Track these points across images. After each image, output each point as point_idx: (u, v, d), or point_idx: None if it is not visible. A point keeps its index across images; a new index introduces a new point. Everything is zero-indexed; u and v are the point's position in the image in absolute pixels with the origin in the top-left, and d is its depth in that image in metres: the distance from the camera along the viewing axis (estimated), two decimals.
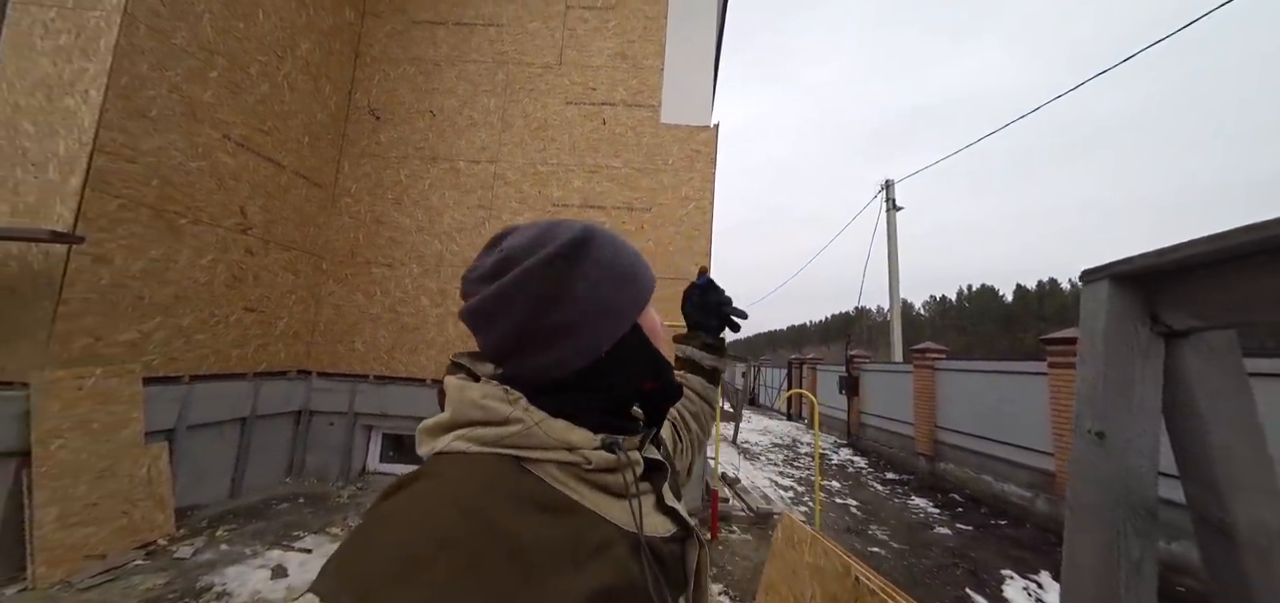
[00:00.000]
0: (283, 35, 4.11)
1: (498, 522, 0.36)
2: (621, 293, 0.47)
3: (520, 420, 0.41)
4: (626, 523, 0.42)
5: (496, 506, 0.37)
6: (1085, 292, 0.66)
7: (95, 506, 2.69)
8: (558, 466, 0.42)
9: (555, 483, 0.41)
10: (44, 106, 2.81)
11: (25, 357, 2.62)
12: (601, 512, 0.41)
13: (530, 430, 0.41)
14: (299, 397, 4.39)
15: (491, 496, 0.38)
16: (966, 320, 65.15)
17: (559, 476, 0.42)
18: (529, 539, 0.36)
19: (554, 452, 0.42)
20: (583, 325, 0.45)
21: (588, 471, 0.42)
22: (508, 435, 0.41)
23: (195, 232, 3.46)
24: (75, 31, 2.89)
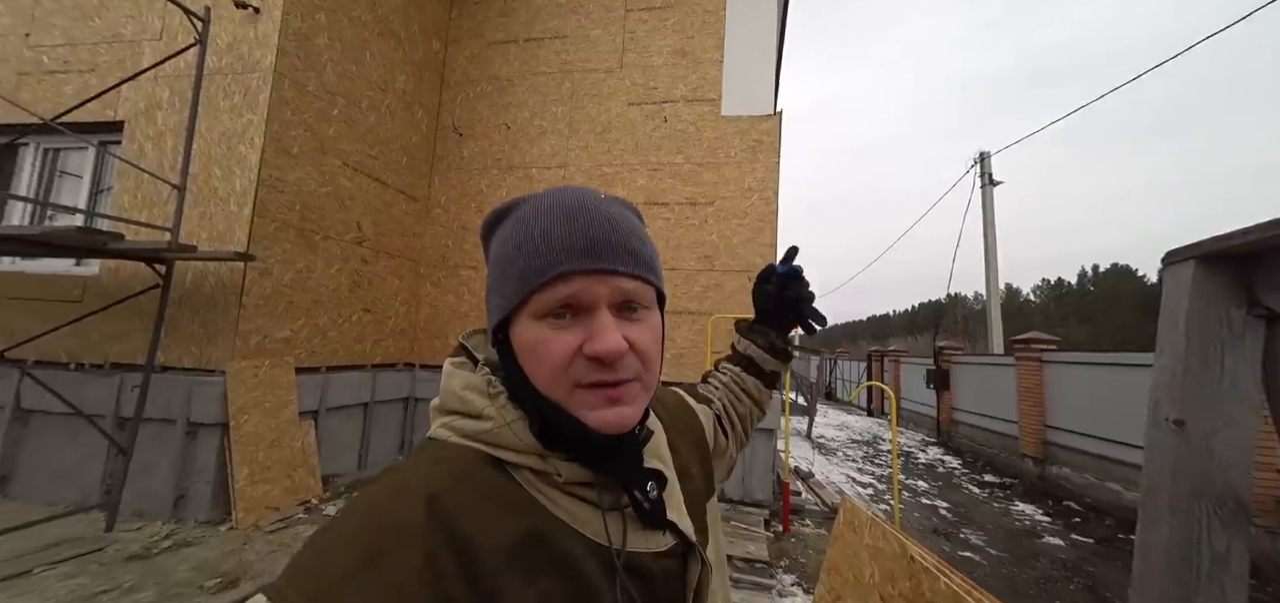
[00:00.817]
0: (385, 72, 4.72)
1: (458, 522, 0.34)
2: (493, 285, 0.43)
3: (493, 418, 0.40)
4: (602, 538, 0.39)
5: (459, 504, 0.35)
6: (1168, 275, 0.60)
7: (269, 469, 3.39)
8: (533, 471, 0.40)
9: (529, 488, 0.39)
10: (226, 154, 3.55)
11: (221, 350, 3.36)
12: (575, 524, 0.39)
13: (499, 430, 0.40)
14: (406, 385, 5.07)
15: (456, 493, 0.36)
16: (1093, 307, 55.08)
17: (533, 481, 0.40)
18: (486, 544, 0.34)
19: (527, 456, 0.39)
20: (486, 304, 0.44)
21: (561, 481, 0.40)
22: (482, 432, 0.40)
23: (325, 245, 4.13)
24: (242, 91, 3.60)
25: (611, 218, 0.41)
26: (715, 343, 4.51)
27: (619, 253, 0.40)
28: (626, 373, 0.39)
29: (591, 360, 0.38)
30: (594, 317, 0.39)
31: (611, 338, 0.37)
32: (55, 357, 3.45)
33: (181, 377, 3.31)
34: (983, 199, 10.34)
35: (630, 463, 0.43)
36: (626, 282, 0.40)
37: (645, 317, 0.42)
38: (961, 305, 69.44)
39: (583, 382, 0.38)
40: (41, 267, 3.75)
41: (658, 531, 0.43)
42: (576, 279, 0.38)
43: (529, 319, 0.39)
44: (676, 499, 0.47)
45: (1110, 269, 59.25)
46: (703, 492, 0.55)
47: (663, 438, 0.52)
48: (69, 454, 3.37)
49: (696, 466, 0.56)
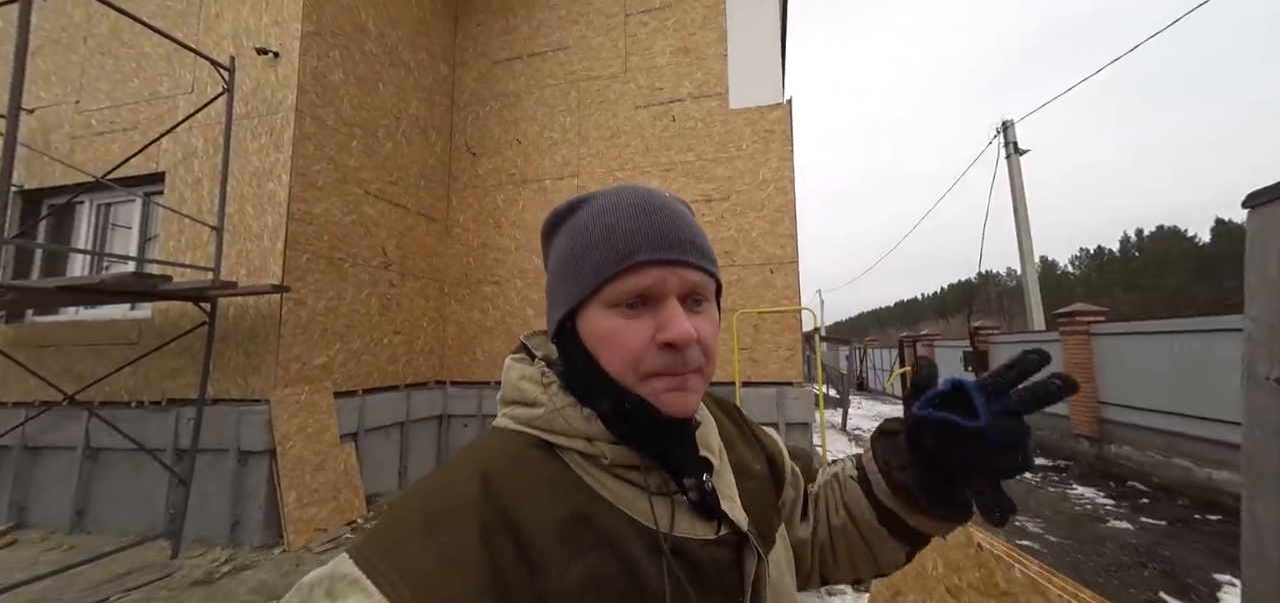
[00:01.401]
0: (398, 100, 4.87)
1: (509, 499, 0.37)
2: (561, 279, 0.45)
3: (545, 405, 0.42)
4: (649, 521, 0.40)
5: (512, 483, 0.38)
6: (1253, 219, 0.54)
7: (317, 491, 3.52)
8: (581, 454, 0.41)
9: (578, 470, 0.41)
10: (257, 192, 3.73)
11: (264, 379, 3.52)
12: (622, 505, 0.40)
13: (550, 415, 0.42)
14: (438, 403, 5.20)
15: (510, 473, 0.39)
16: (1139, 274, 51.69)
17: (583, 464, 0.41)
18: (534, 520, 0.36)
19: (575, 440, 0.41)
20: (548, 299, 0.47)
21: (607, 464, 0.41)
22: (535, 418, 0.42)
23: (354, 272, 4.28)
24: (268, 132, 3.78)
25: (679, 212, 0.44)
26: (741, 339, 4.45)
27: (687, 246, 0.42)
28: (692, 363, 0.41)
29: (662, 348, 0.40)
30: (664, 306, 0.41)
31: (683, 326, 0.39)
32: (118, 396, 3.69)
33: (230, 407, 3.49)
34: (1010, 169, 9.87)
35: (682, 447, 0.44)
36: (693, 273, 0.42)
37: (707, 309, 0.44)
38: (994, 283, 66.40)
39: (656, 371, 0.40)
40: (100, 313, 4.03)
41: (708, 519, 0.43)
42: (652, 270, 0.40)
43: (600, 309, 0.41)
44: (729, 490, 0.47)
45: (1156, 232, 55.49)
46: (768, 491, 0.53)
47: (713, 428, 0.52)
48: (135, 487, 3.60)
49: (759, 463, 0.55)
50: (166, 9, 4.11)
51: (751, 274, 4.56)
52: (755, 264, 4.56)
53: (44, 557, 3.22)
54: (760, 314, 4.43)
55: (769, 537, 0.49)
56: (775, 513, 0.53)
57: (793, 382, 4.38)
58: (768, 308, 4.39)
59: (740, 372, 4.36)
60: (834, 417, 8.71)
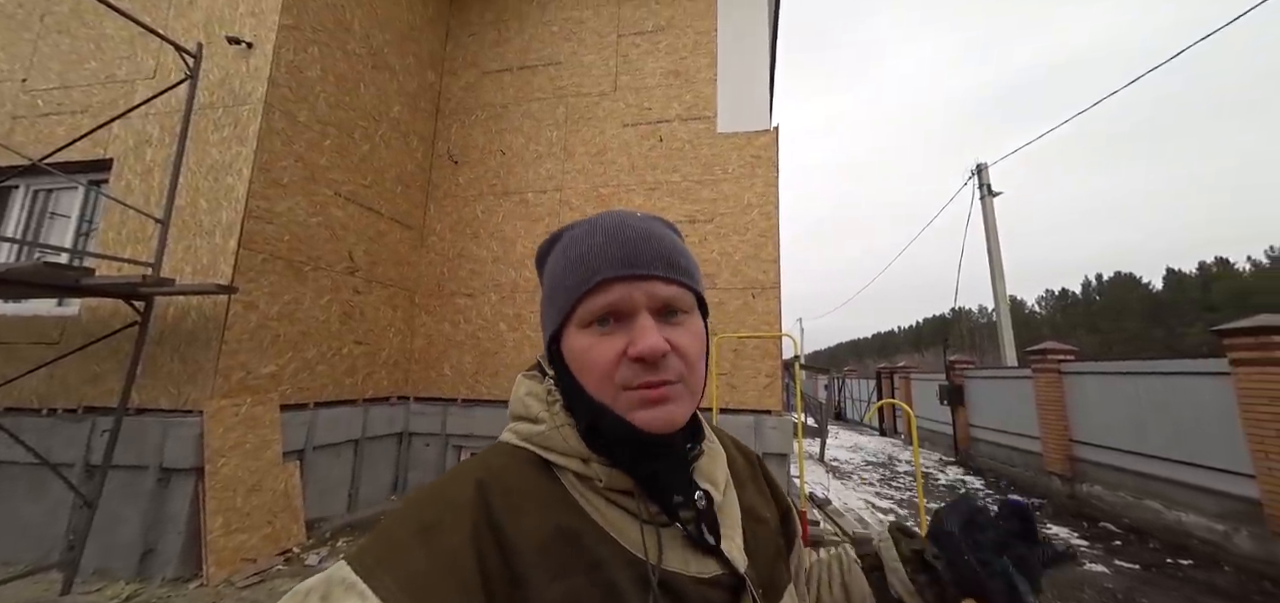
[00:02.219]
0: (379, 102, 4.73)
1: (499, 506, 0.37)
2: (547, 303, 0.47)
3: (546, 422, 0.43)
4: (639, 550, 0.39)
5: (504, 492, 0.38)
6: None
7: (248, 516, 3.15)
8: (577, 475, 0.42)
9: (573, 491, 0.41)
10: (213, 186, 3.48)
11: (200, 388, 3.19)
12: (612, 532, 0.40)
13: (550, 433, 0.43)
14: (400, 420, 4.86)
15: (504, 483, 0.39)
16: (1099, 316, 54.36)
17: (577, 485, 0.41)
18: (519, 530, 0.36)
19: (571, 460, 0.42)
20: (541, 321, 0.49)
21: (602, 487, 0.41)
22: (536, 435, 0.43)
23: (315, 276, 4.02)
24: (233, 123, 3.57)
25: (647, 230, 0.45)
26: (721, 364, 4.32)
27: (654, 260, 0.43)
28: (670, 374, 0.40)
29: (635, 362, 0.40)
30: (635, 321, 0.41)
31: (651, 338, 0.40)
32: (27, 402, 3.29)
33: (157, 419, 3.13)
34: (983, 210, 10.28)
35: (672, 469, 0.43)
36: (662, 286, 0.42)
37: (686, 320, 0.44)
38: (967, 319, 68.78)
39: (628, 384, 0.40)
40: (22, 308, 3.64)
41: (704, 555, 0.42)
42: (615, 286, 0.41)
43: (576, 330, 0.43)
44: (730, 528, 0.45)
45: (1114, 277, 58.81)
46: (778, 541, 0.51)
47: (722, 461, 0.50)
48: (34, 508, 3.16)
49: (770, 511, 0.53)
50: None
51: (733, 298, 4.48)
52: (737, 288, 4.49)
53: None
54: (741, 339, 4.32)
55: (775, 589, 0.46)
56: (785, 567, 0.50)
57: (771, 410, 4.25)
58: (748, 333, 4.29)
59: (718, 398, 4.21)
60: (811, 447, 8.59)
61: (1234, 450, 4.05)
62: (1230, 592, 3.48)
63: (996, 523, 0.48)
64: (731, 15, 5.03)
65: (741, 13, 5.02)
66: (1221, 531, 4.14)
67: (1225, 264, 50.90)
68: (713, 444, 0.50)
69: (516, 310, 4.91)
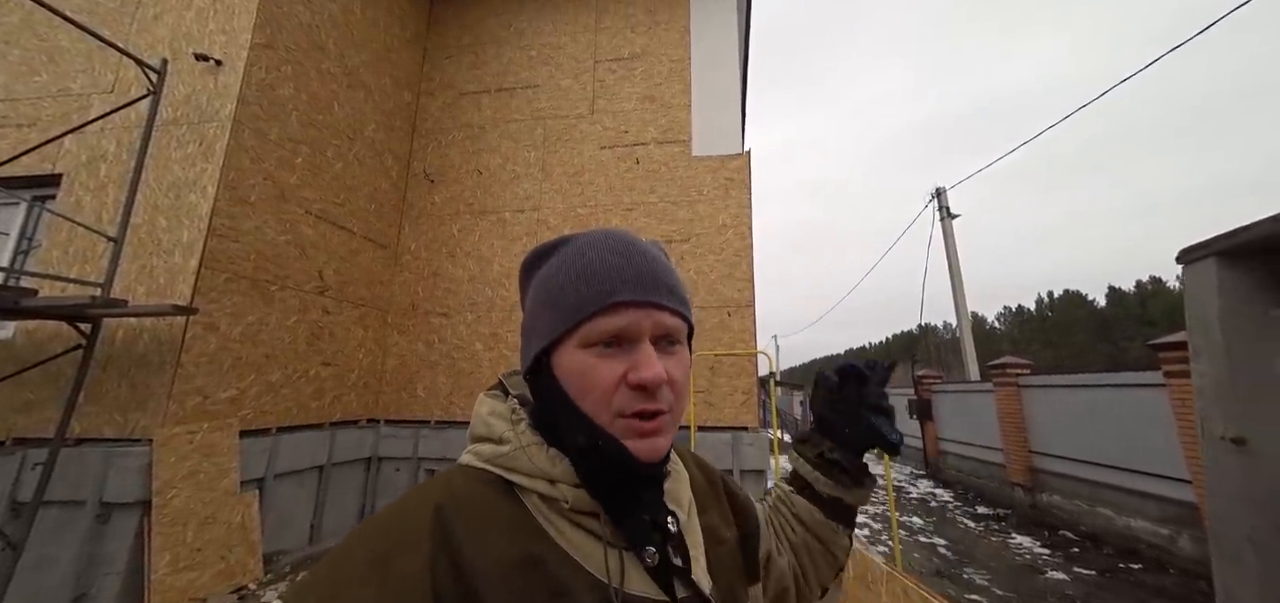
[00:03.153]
0: (353, 120, 4.70)
1: (460, 535, 0.36)
2: (538, 316, 0.45)
3: (511, 442, 0.42)
4: (603, 573, 0.39)
5: (465, 519, 0.37)
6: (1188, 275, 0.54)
7: (199, 551, 2.96)
8: (541, 497, 0.41)
9: (536, 514, 0.40)
10: (174, 204, 3.36)
11: (151, 415, 3.01)
12: (577, 556, 0.39)
13: (515, 453, 0.41)
14: (369, 443, 4.67)
15: (465, 509, 0.38)
16: (1052, 332, 57.89)
17: (541, 507, 0.40)
18: (481, 560, 0.35)
19: (536, 481, 0.41)
20: (523, 337, 0.47)
21: (566, 509, 0.40)
22: (499, 456, 0.42)
23: (283, 296, 3.89)
24: (198, 140, 3.47)
25: (655, 256, 0.45)
26: (697, 382, 4.38)
27: (664, 289, 0.43)
28: (663, 404, 0.41)
29: (634, 389, 0.40)
30: (638, 348, 0.41)
31: (656, 367, 0.40)
32: None
33: (98, 449, 2.92)
34: (943, 231, 10.91)
35: (652, 493, 0.44)
36: (669, 317, 0.42)
37: (680, 351, 0.44)
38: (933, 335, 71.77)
39: (624, 411, 0.40)
40: None
41: (668, 578, 0.42)
42: (629, 311, 0.41)
43: (576, 347, 0.41)
44: (695, 551, 0.45)
45: (1063, 295, 63.00)
46: (738, 561, 0.51)
47: (686, 482, 0.51)
48: None
49: (731, 532, 0.53)
50: (97, 5, 3.81)
51: (709, 316, 4.59)
52: (713, 306, 4.60)
53: None
54: (717, 357, 4.42)
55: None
56: (744, 585, 0.51)
57: (748, 426, 4.33)
58: (724, 351, 4.39)
59: (696, 415, 4.26)
60: (788, 462, 8.72)
61: (1174, 458, 4.36)
62: (1176, 594, 3.71)
63: (845, 390, 0.61)
64: (704, 44, 5.29)
65: (713, 43, 5.29)
66: (1166, 534, 4.43)
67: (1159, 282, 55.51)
68: (677, 465, 0.51)
69: (493, 329, 4.86)
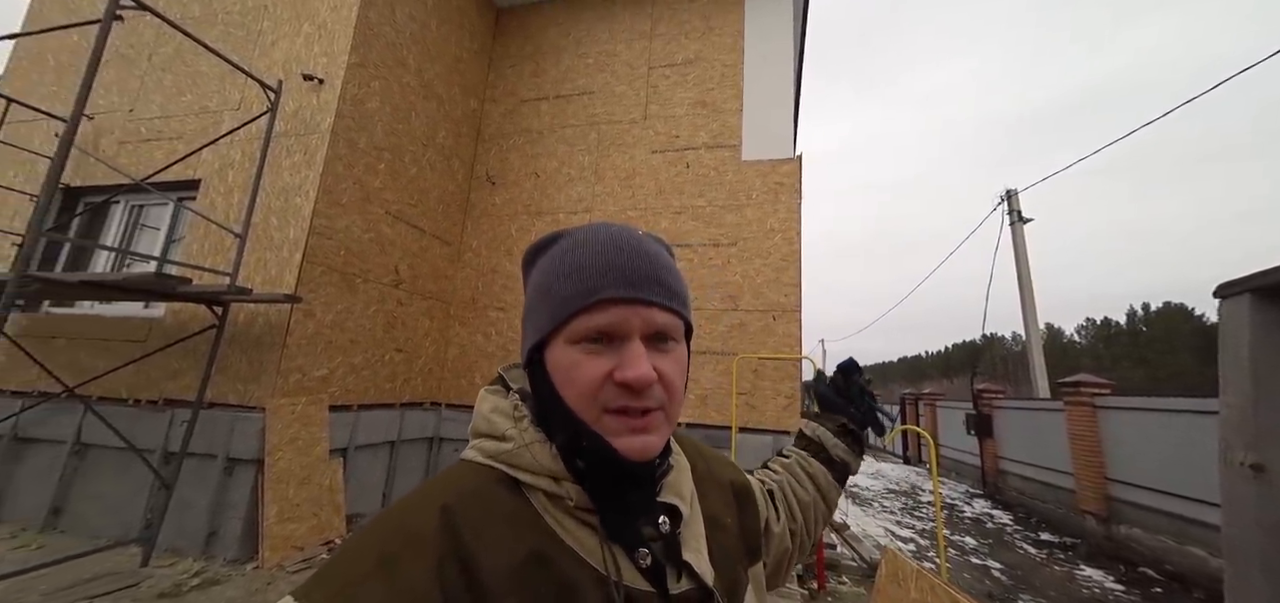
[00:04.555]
0: (427, 128, 5.14)
1: (468, 535, 0.36)
2: (533, 309, 0.45)
3: (514, 439, 0.42)
4: (623, 563, 0.39)
5: (472, 519, 0.37)
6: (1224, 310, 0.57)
7: (298, 507, 3.42)
8: (546, 494, 0.40)
9: (542, 511, 0.40)
10: (283, 205, 3.88)
11: (263, 387, 3.51)
12: (582, 551, 0.39)
13: (518, 451, 0.41)
14: (432, 424, 5.12)
15: (471, 508, 0.38)
16: (1147, 349, 51.09)
17: (546, 504, 0.40)
18: (490, 559, 0.35)
19: (541, 479, 0.40)
20: (522, 328, 0.47)
21: (571, 505, 0.40)
22: (503, 452, 0.42)
23: (365, 288, 4.36)
24: (303, 150, 3.98)
25: (649, 252, 0.44)
26: (740, 383, 4.41)
27: (654, 286, 0.42)
28: (652, 402, 0.40)
29: (620, 387, 0.39)
30: (626, 345, 0.40)
31: (642, 367, 0.39)
32: (117, 393, 3.68)
33: (226, 413, 3.46)
34: (1013, 237, 10.05)
35: (640, 493, 0.43)
36: (659, 314, 0.42)
37: (674, 349, 0.43)
38: (999, 346, 65.68)
39: (611, 407, 0.40)
40: (115, 310, 4.09)
41: (670, 569, 0.42)
42: (614, 308, 0.40)
43: (564, 343, 0.41)
44: (696, 541, 0.46)
45: (1163, 308, 55.37)
46: (739, 545, 0.53)
47: (687, 474, 0.51)
48: (118, 488, 3.52)
49: (732, 517, 0.54)
50: (229, 35, 4.46)
51: (754, 320, 4.59)
52: (758, 310, 4.60)
53: (11, 554, 3.11)
54: (760, 360, 4.41)
55: (737, 595, 0.48)
56: (744, 567, 0.52)
57: (790, 431, 4.29)
58: (768, 354, 4.38)
59: (737, 417, 4.29)
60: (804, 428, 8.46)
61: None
62: None
63: (846, 381, 0.75)
64: (757, 48, 5.26)
65: (767, 46, 5.25)
66: None
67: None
68: (678, 457, 0.51)
69: None
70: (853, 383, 0.74)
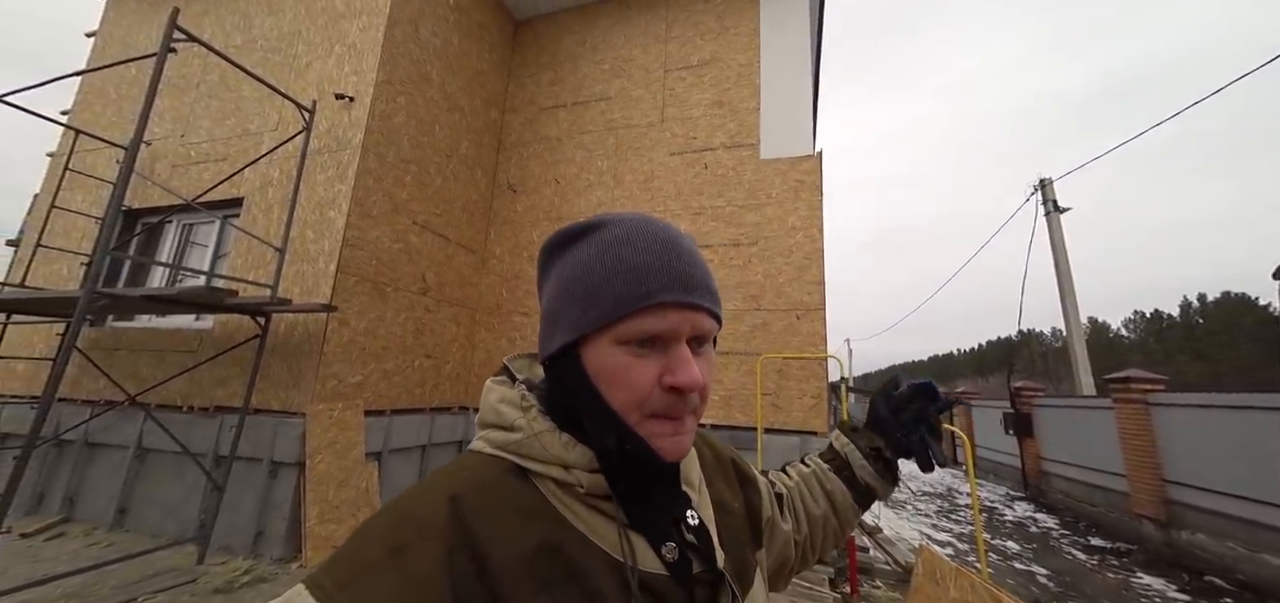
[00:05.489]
0: (451, 139, 5.30)
1: (477, 525, 0.36)
2: (568, 304, 0.42)
3: (523, 429, 0.42)
4: (619, 552, 0.39)
5: (481, 509, 0.37)
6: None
7: (337, 508, 3.57)
8: (556, 482, 0.40)
9: (552, 499, 0.40)
10: (318, 219, 4.07)
11: (303, 393, 3.69)
12: (593, 537, 0.39)
13: (527, 440, 0.41)
14: (460, 429, 5.26)
15: (480, 498, 0.38)
16: (1205, 342, 47.57)
17: (556, 491, 0.40)
18: (501, 549, 0.35)
19: (550, 467, 0.40)
20: (545, 321, 0.45)
21: (581, 493, 0.40)
22: (511, 442, 0.42)
23: (395, 296, 4.52)
24: (336, 166, 4.17)
25: (695, 254, 0.43)
26: (765, 384, 4.35)
27: (705, 291, 0.42)
28: (691, 406, 0.41)
29: (668, 391, 0.39)
30: (673, 349, 0.40)
31: (694, 372, 0.39)
32: (172, 401, 3.93)
33: (269, 418, 3.65)
34: (1049, 228, 9.56)
35: (668, 488, 0.44)
36: (706, 318, 0.41)
37: (708, 352, 0.44)
38: (1037, 342, 62.48)
39: (656, 411, 0.40)
40: (170, 322, 4.38)
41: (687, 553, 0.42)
42: (671, 313, 0.39)
43: (610, 343, 0.40)
44: (708, 527, 0.46)
45: (1222, 298, 51.42)
46: (746, 528, 0.53)
47: (694, 460, 0.52)
48: (174, 490, 3.75)
49: (738, 502, 0.55)
50: (268, 61, 4.73)
51: (777, 319, 4.52)
52: (781, 309, 4.53)
53: (85, 551, 3.36)
54: (785, 360, 4.34)
55: (746, 577, 0.48)
56: (752, 551, 0.52)
57: (816, 431, 4.21)
58: (793, 354, 4.30)
59: (763, 417, 4.23)
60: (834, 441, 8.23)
61: None
62: None
63: (912, 402, 0.64)
64: (774, 46, 5.20)
65: (783, 44, 5.18)
66: None
67: None
68: None
69: None
70: (913, 409, 0.63)
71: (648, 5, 5.85)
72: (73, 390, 4.28)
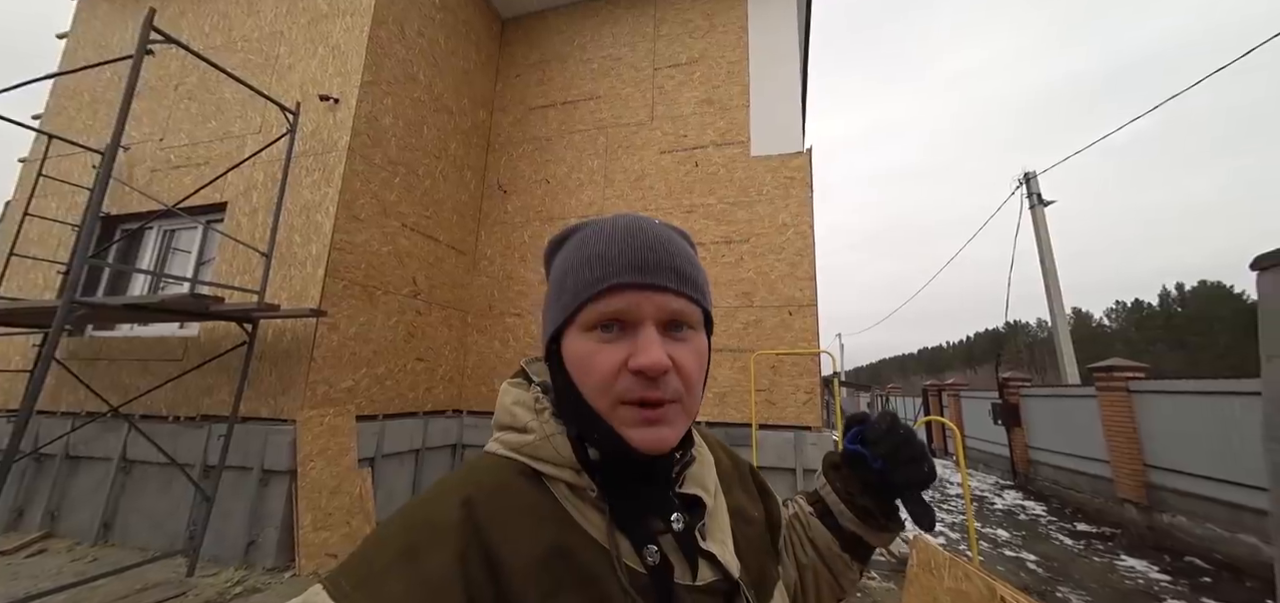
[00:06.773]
0: (439, 141, 5.25)
1: (490, 527, 0.36)
2: (551, 300, 0.45)
3: (536, 432, 0.42)
4: (631, 559, 0.39)
5: (494, 511, 0.37)
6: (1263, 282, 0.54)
7: (330, 515, 3.53)
8: (568, 486, 0.40)
9: (564, 502, 0.40)
10: (305, 223, 4.00)
11: (293, 400, 3.63)
12: (605, 542, 0.39)
13: (540, 443, 0.41)
14: (454, 432, 5.22)
15: (493, 500, 0.38)
16: (1184, 330, 48.92)
17: (568, 495, 0.40)
18: (512, 552, 0.35)
19: (563, 470, 0.40)
20: (542, 319, 0.47)
21: (593, 497, 0.40)
22: (525, 445, 0.42)
23: (385, 300, 4.47)
24: (322, 169, 4.10)
25: (662, 238, 0.43)
26: (758, 380, 4.39)
27: (666, 271, 0.41)
28: (668, 393, 0.39)
29: (635, 375, 0.38)
30: (639, 332, 0.40)
31: (655, 353, 0.38)
32: (157, 410, 3.85)
33: (259, 426, 3.59)
34: (1034, 221, 9.76)
35: (652, 487, 0.43)
36: (673, 299, 0.41)
37: (691, 337, 0.42)
38: (1024, 333, 63.76)
39: (626, 398, 0.39)
40: (153, 330, 4.28)
41: (699, 559, 0.41)
42: (625, 293, 0.40)
43: (579, 332, 0.41)
44: (721, 533, 0.45)
45: (1199, 286, 52.91)
46: (765, 538, 0.52)
47: (710, 466, 0.50)
48: (161, 502, 3.68)
49: (758, 511, 0.53)
50: (248, 62, 4.63)
51: (770, 316, 4.56)
52: (774, 306, 4.56)
53: (69, 567, 3.29)
54: (778, 356, 4.38)
55: (766, 588, 0.47)
56: (774, 564, 0.51)
57: (810, 426, 4.25)
58: (785, 350, 4.34)
59: (757, 414, 4.26)
60: None
61: None
62: None
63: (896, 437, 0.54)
64: (762, 43, 5.23)
65: (772, 41, 5.21)
66: None
67: None
68: (702, 449, 0.51)
69: None
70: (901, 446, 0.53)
71: (636, 3, 5.84)
72: (52, 403, 4.17)
